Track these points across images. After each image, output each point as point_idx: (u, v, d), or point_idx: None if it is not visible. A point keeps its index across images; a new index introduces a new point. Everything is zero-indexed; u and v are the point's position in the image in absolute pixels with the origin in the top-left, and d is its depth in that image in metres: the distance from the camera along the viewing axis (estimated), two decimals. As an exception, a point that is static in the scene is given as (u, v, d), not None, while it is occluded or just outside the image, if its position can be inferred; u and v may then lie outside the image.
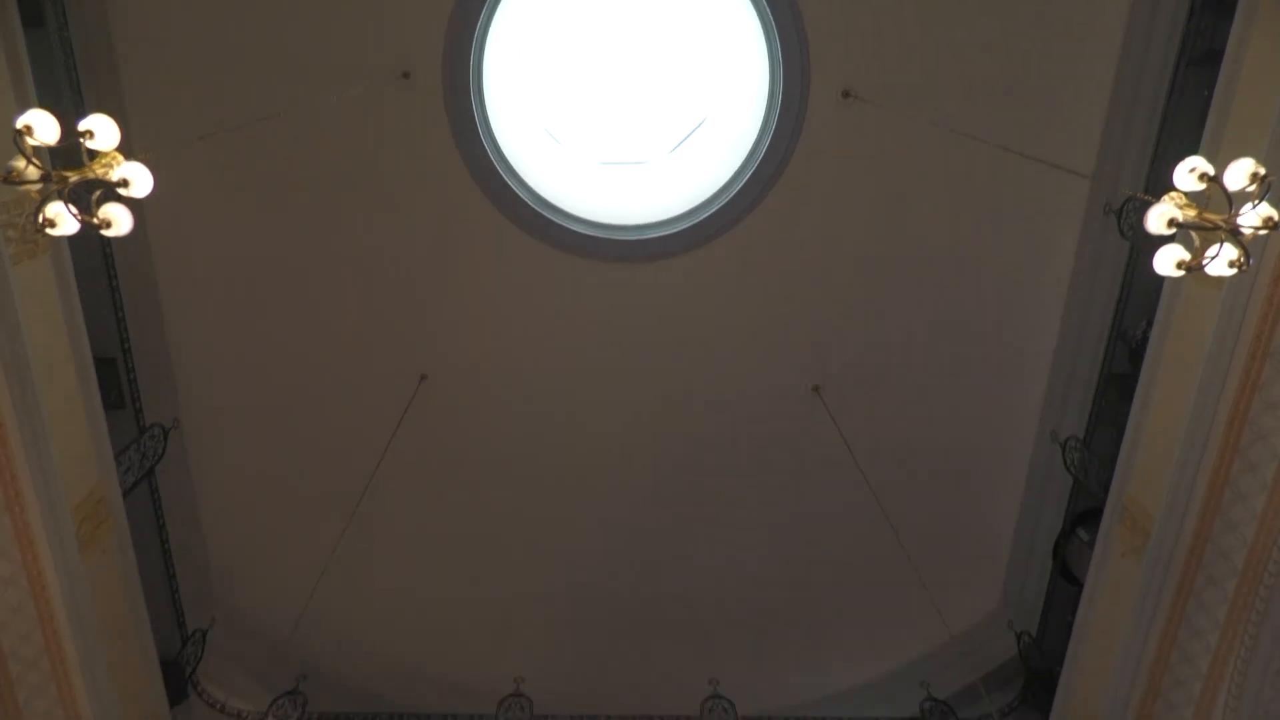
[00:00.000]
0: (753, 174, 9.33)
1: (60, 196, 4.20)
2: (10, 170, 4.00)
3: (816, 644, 12.39)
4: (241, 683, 11.14)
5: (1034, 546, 11.07)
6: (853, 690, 12.47)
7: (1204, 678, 7.62)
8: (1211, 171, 4.18)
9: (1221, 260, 4.29)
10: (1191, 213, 4.30)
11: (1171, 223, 4.31)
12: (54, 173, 4.13)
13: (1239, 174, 4.12)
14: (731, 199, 9.52)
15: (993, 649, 11.62)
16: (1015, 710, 10.59)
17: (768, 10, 8.54)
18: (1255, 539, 6.93)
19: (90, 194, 4.30)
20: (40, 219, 4.22)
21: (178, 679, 9.66)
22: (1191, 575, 7.45)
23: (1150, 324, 7.83)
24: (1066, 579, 9.93)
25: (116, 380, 8.84)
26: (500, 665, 11.60)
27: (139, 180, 4.26)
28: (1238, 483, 6.94)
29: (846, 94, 8.66)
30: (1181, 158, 4.28)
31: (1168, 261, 4.52)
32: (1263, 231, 4.16)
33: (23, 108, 4.43)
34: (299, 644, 11.10)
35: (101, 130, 4.16)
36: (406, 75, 8.56)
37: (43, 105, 4.53)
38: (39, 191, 4.16)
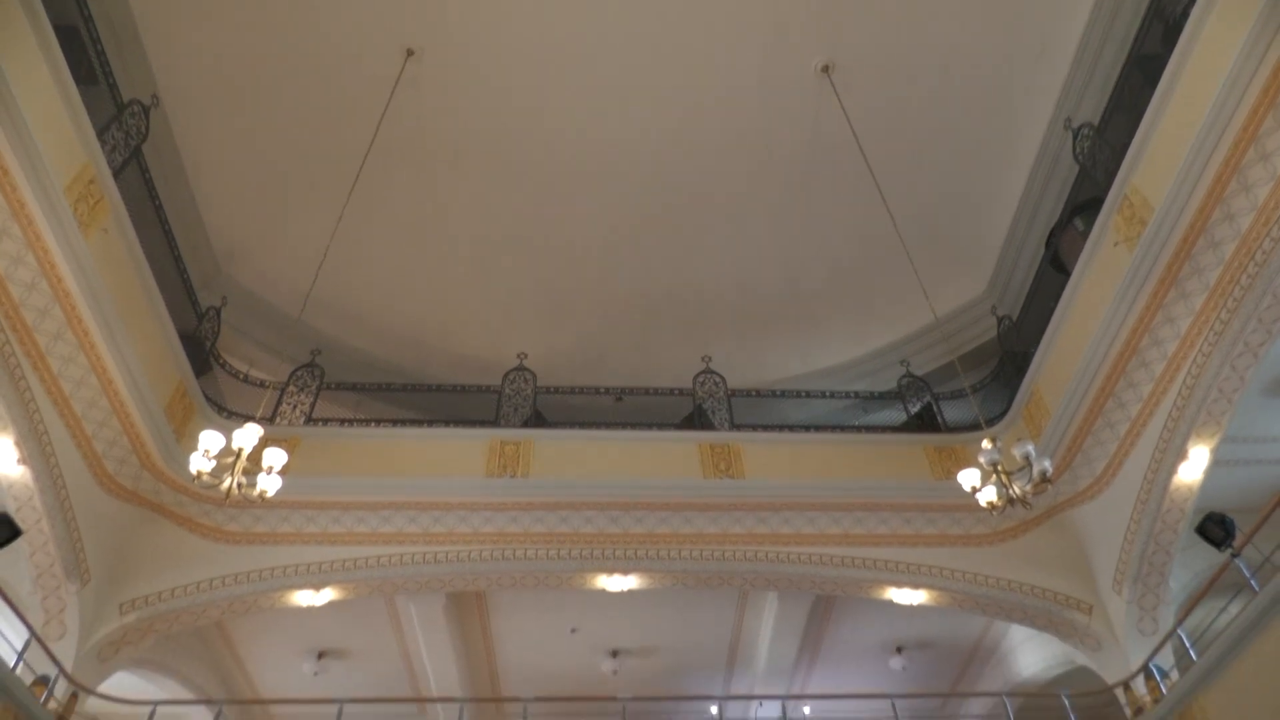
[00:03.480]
0: None
1: None
2: None
3: (805, 326, 13.01)
4: (260, 356, 11.81)
5: (1028, 236, 11.19)
6: (836, 368, 13.31)
7: (1168, 359, 8.09)
8: None
9: None
10: None
11: None
12: None
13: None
14: None
15: (973, 332, 12.24)
16: (987, 386, 11.36)
17: None
18: (1249, 230, 6.97)
19: None
20: None
21: (199, 352, 10.20)
22: (1179, 265, 7.60)
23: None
24: (1056, 268, 10.15)
25: (83, 51, 8.30)
26: (504, 342, 12.23)
27: None
28: (1246, 173, 6.82)
29: None
30: None
31: None
32: None
33: None
34: (310, 321, 11.63)
35: None
36: None
37: None
38: None
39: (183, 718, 10.33)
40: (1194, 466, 8.22)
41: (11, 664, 7.19)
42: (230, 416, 9.98)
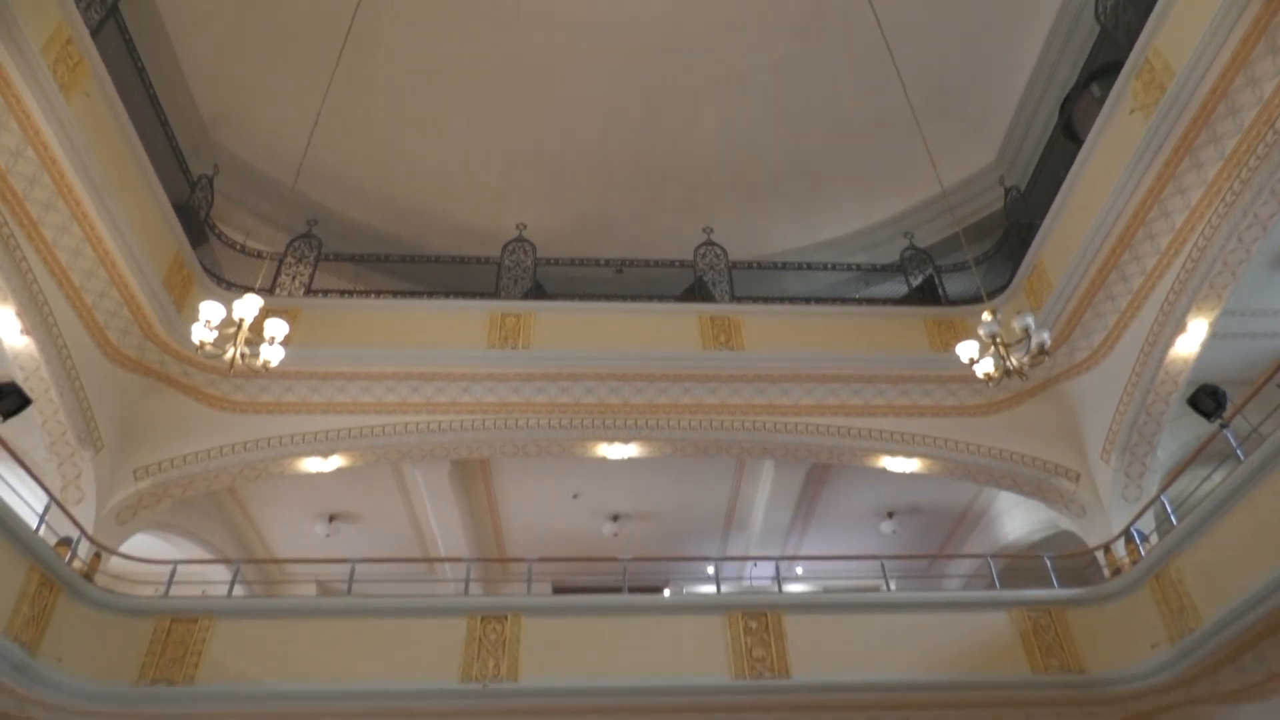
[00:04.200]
0: None
1: None
2: None
3: (808, 196, 12.77)
4: (256, 227, 11.66)
5: (1042, 103, 10.83)
6: (839, 240, 13.16)
7: (1175, 231, 7.98)
8: None
9: None
10: None
11: None
12: None
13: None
14: None
15: (980, 203, 12.02)
16: (990, 259, 11.26)
17: None
18: (1273, 95, 6.71)
19: None
20: None
21: (193, 222, 10.06)
22: (1195, 134, 7.37)
23: None
24: (1068, 137, 9.86)
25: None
26: (503, 212, 12.05)
27: None
28: (1275, 34, 6.51)
29: None
30: None
31: None
32: None
33: None
34: (306, 190, 11.41)
35: None
36: None
37: None
38: None
39: (202, 576, 10.80)
40: (1191, 339, 8.26)
41: (33, 527, 7.45)
42: (229, 288, 9.95)
